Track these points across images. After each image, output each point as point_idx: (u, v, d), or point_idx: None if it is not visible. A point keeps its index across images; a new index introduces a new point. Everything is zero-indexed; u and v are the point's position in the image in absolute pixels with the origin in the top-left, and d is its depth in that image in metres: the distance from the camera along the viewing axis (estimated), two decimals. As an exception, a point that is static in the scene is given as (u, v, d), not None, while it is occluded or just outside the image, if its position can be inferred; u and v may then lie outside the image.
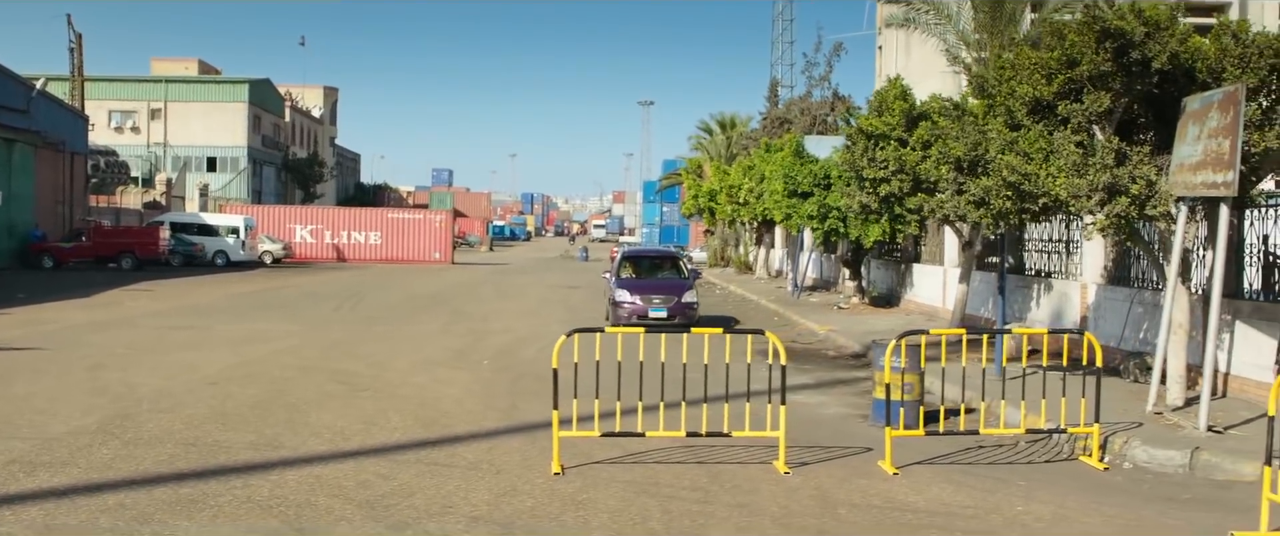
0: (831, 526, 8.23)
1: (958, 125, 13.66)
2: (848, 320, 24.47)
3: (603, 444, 10.60)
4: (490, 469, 9.99)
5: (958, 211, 13.37)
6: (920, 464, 10.37)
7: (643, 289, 22.50)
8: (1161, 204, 11.38)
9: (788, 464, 10.16)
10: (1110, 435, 10.90)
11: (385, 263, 58.86)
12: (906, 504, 8.96)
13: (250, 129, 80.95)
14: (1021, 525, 8.40)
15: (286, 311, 26.74)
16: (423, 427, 11.96)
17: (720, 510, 8.66)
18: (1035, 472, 10.28)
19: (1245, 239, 12.91)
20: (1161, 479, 10.12)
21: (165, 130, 79.84)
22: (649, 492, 9.15)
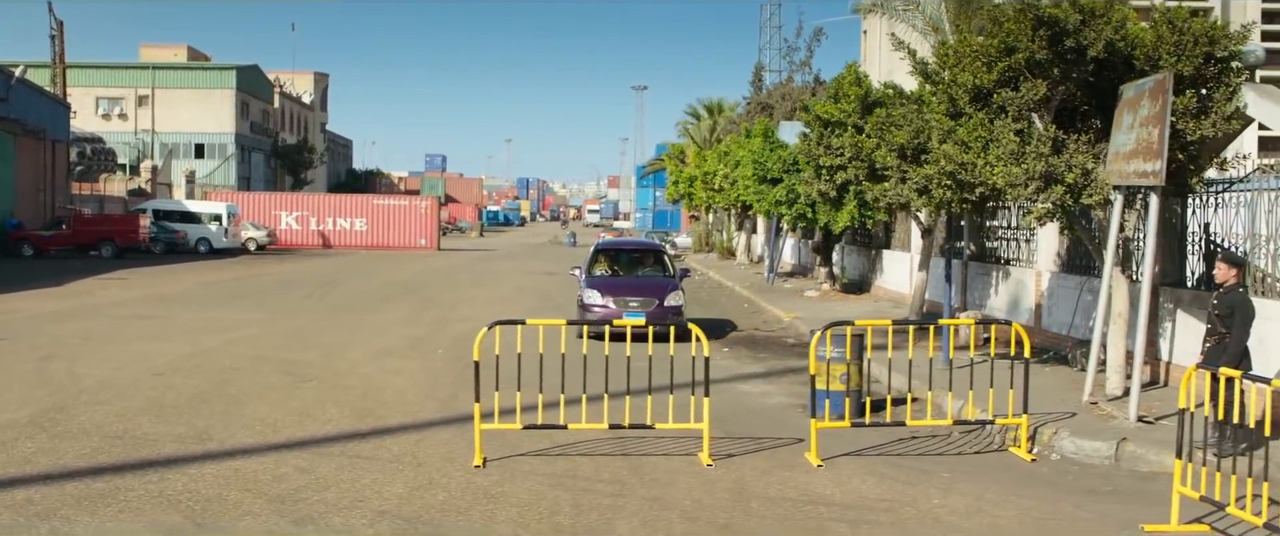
0: (739, 520, 8.18)
1: (900, 113, 13.57)
2: (815, 307, 24.40)
3: (531, 436, 10.52)
4: (412, 462, 9.94)
5: (900, 199, 13.29)
6: (848, 456, 10.31)
7: (617, 289, 19.04)
8: (1097, 192, 11.30)
9: (713, 456, 10.11)
10: (1041, 426, 10.85)
11: (371, 249, 58.76)
12: (823, 496, 8.90)
13: (238, 115, 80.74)
14: (934, 518, 8.34)
15: (256, 300, 26.67)
16: (356, 419, 11.90)
17: (632, 503, 8.61)
18: (962, 464, 10.23)
19: (1188, 227, 12.83)
20: (1087, 470, 10.06)
21: (153, 117, 79.61)
22: (565, 485, 9.10)
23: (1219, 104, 11.16)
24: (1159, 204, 10.55)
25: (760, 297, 27.50)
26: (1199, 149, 11.66)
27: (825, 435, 10.81)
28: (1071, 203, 11.44)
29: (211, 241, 48.88)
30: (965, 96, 12.45)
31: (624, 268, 20.85)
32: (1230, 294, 9.62)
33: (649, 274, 20.51)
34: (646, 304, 18.34)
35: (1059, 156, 11.44)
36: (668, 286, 19.16)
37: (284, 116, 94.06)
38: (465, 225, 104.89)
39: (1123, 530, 8.08)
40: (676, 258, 52.82)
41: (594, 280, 19.50)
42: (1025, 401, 10.50)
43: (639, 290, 18.87)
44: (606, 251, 21.40)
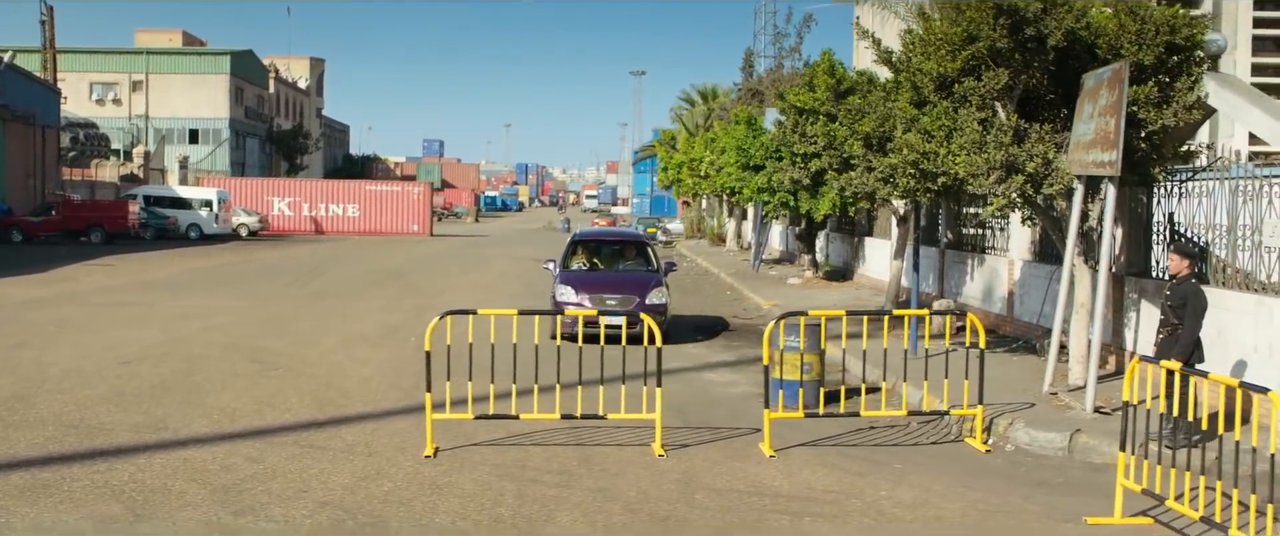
0: (681, 512, 8.16)
1: (865, 101, 13.51)
2: (795, 295, 24.37)
3: (486, 426, 10.51)
4: (365, 451, 9.92)
5: (865, 188, 13.25)
6: (803, 446, 10.29)
7: (593, 285, 17.24)
8: (1058, 182, 11.25)
9: (667, 446, 10.09)
10: (997, 416, 10.83)
11: (363, 235, 58.70)
12: (770, 488, 8.88)
13: (232, 101, 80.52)
14: (878, 510, 8.32)
15: (238, 286, 26.63)
16: (316, 408, 11.88)
17: (577, 494, 8.59)
18: (917, 455, 10.21)
19: (1153, 217, 12.78)
20: (1040, 462, 10.04)
21: (147, 102, 79.40)
22: (512, 476, 9.08)
23: (1180, 93, 11.10)
24: (1115, 194, 10.50)
25: (743, 285, 27.46)
26: (1162, 138, 11.60)
27: (784, 425, 10.81)
28: (1032, 192, 11.39)
29: (202, 227, 48.81)
30: (930, 85, 12.38)
31: (604, 261, 19.25)
32: (1183, 285, 9.58)
33: (631, 268, 18.78)
34: (626, 302, 16.60)
35: (1021, 146, 11.38)
36: (650, 282, 17.40)
37: (279, 102, 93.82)
38: (461, 210, 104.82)
39: (1067, 523, 8.06)
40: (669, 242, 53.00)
41: (569, 275, 17.75)
42: (980, 392, 10.47)
43: (618, 287, 17.17)
44: (584, 243, 19.50)
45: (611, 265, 18.94)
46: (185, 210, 49.13)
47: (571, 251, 18.84)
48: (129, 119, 78.36)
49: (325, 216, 60.22)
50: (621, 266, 18.85)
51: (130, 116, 78.76)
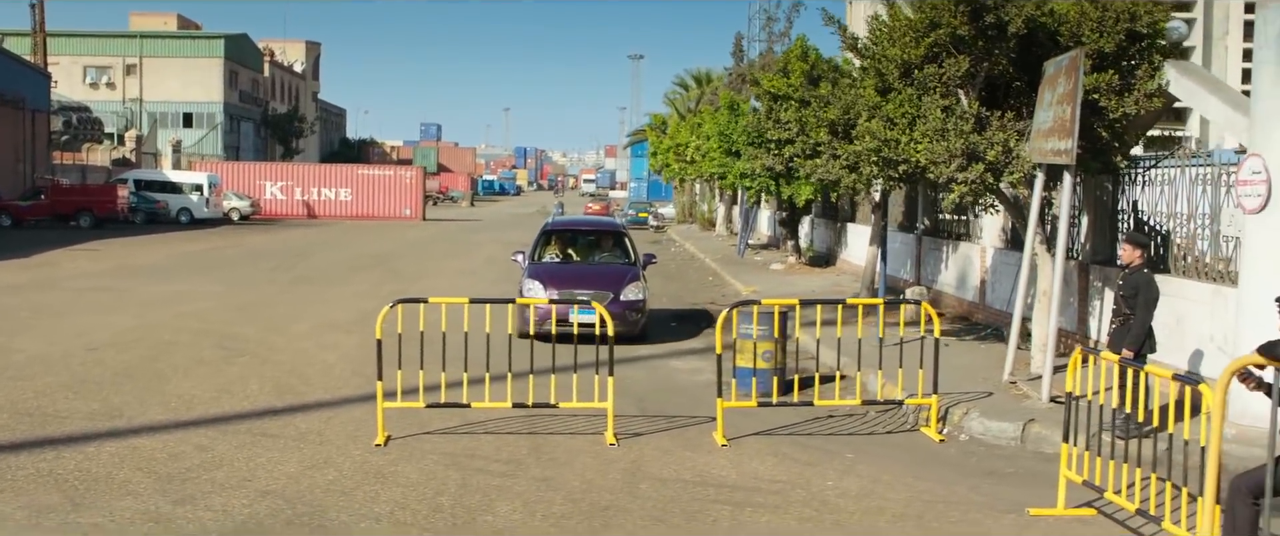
0: (622, 502, 8.13)
1: (832, 89, 13.45)
2: (776, 281, 24.32)
3: (441, 415, 10.48)
4: (316, 439, 9.90)
5: (830, 176, 13.20)
6: (758, 435, 10.26)
7: (564, 280, 15.86)
8: (1018, 170, 11.19)
9: (621, 435, 10.07)
10: (953, 405, 10.80)
11: (356, 219, 58.63)
12: (716, 478, 8.86)
13: (226, 85, 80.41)
14: (822, 500, 8.29)
15: (221, 271, 26.59)
16: (275, 395, 11.86)
17: (521, 484, 8.57)
18: (871, 444, 10.18)
19: (1119, 205, 12.73)
20: (992, 451, 10.02)
21: (141, 86, 79.27)
22: (460, 465, 9.06)
23: (1141, 81, 11.04)
24: (1072, 182, 10.44)
25: (726, 270, 27.42)
26: (1125, 126, 11.55)
27: (740, 415, 10.77)
28: (992, 181, 11.33)
29: (192, 211, 48.75)
30: (895, 72, 12.32)
31: (578, 253, 17.86)
32: (1135, 275, 9.53)
33: (606, 260, 17.45)
34: (599, 298, 14.94)
35: (981, 134, 11.32)
36: (625, 276, 16.01)
37: (274, 86, 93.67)
38: (457, 194, 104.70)
39: (1010, 514, 8.03)
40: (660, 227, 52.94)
41: (538, 269, 16.43)
42: (934, 381, 10.44)
43: (591, 281, 15.82)
44: (556, 233, 18.08)
45: (586, 257, 17.75)
46: (176, 194, 49.07)
47: (542, 242, 17.55)
48: (123, 103, 78.26)
49: (318, 201, 60.15)
50: (597, 258, 17.67)
51: (124, 100, 78.67)
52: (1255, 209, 9.13)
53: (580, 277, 15.93)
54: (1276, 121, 9.03)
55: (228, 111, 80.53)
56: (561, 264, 17.04)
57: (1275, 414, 5.77)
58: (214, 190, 50.34)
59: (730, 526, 7.63)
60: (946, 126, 11.34)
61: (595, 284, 15.55)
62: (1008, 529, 7.71)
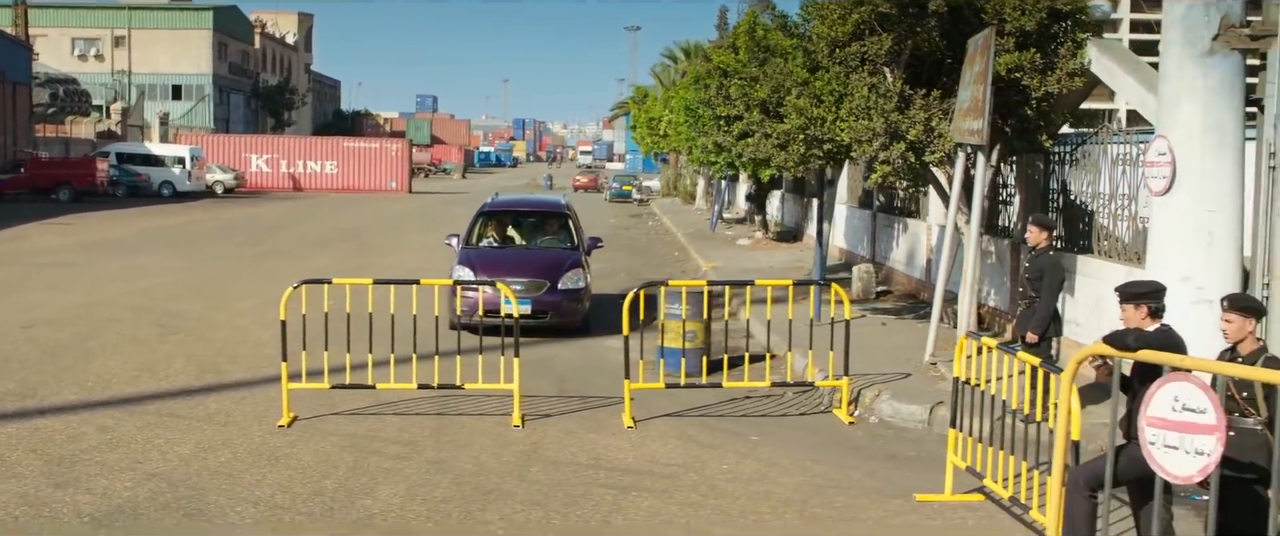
0: (508, 485, 8.10)
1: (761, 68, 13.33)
2: (739, 257, 24.25)
3: (353, 396, 10.43)
4: (222, 420, 9.88)
5: (761, 154, 13.09)
6: (669, 417, 10.22)
7: (498, 266, 14.54)
8: (939, 149, 11.09)
9: (532, 416, 10.04)
10: (867, 387, 10.74)
11: (341, 192, 58.49)
12: (611, 461, 8.82)
13: (216, 57, 79.98)
14: (711, 484, 8.26)
15: (187, 246, 26.52)
16: (196, 374, 11.83)
17: (412, 466, 8.54)
18: (781, 427, 10.14)
19: (1050, 186, 12.62)
20: (901, 434, 9.97)
21: (129, 58, 78.88)
22: (357, 447, 9.03)
23: (1063, 60, 10.92)
24: (984, 163, 10.35)
25: (693, 246, 27.34)
26: (1051, 106, 11.44)
27: (658, 396, 10.72)
28: (914, 160, 11.23)
29: (175, 185, 48.61)
30: (824, 49, 12.19)
31: (518, 235, 16.50)
32: (1040, 257, 9.46)
33: (548, 245, 16.09)
34: (535, 287, 14.20)
35: (904, 113, 11.21)
36: (565, 262, 14.81)
37: (265, 57, 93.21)
38: (450, 167, 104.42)
39: (897, 499, 7.98)
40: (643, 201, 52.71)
41: (472, 254, 15.15)
42: (846, 364, 10.37)
43: (527, 268, 14.64)
44: (496, 216, 16.43)
45: (529, 240, 16.43)
46: (158, 167, 48.92)
47: (478, 224, 16.08)
48: (111, 75, 77.85)
49: (303, 173, 60.01)
50: (539, 242, 16.31)
51: (113, 72, 78.26)
52: (1160, 191, 9.05)
53: (516, 264, 14.87)
54: (1182, 103, 8.93)
55: (217, 83, 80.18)
56: (497, 248, 15.90)
57: (1115, 406, 5.71)
58: (196, 163, 50.18)
59: (609, 511, 7.60)
60: (870, 105, 11.23)
61: (532, 271, 14.52)
62: (890, 514, 7.68)
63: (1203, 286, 8.98)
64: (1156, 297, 5.89)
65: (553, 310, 14.11)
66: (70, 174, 43.51)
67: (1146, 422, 5.32)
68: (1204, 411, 5.09)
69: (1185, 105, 8.93)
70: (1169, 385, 5.25)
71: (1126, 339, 5.58)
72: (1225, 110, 8.86)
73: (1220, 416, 5.03)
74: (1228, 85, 8.85)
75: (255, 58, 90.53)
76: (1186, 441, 5.16)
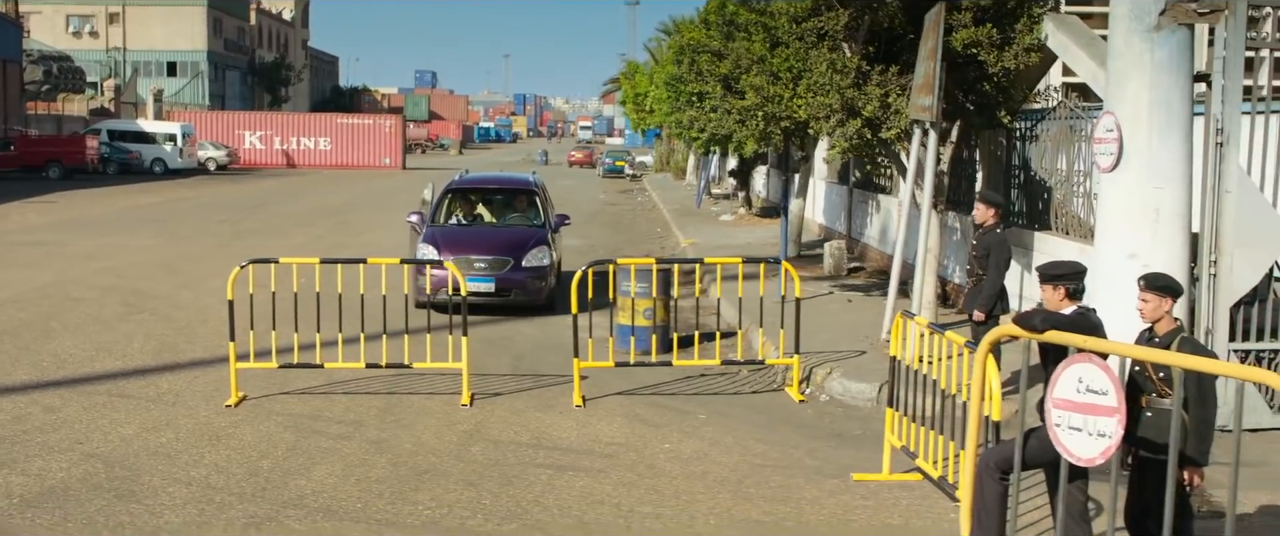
0: (445, 465, 8.09)
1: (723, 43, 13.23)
2: (720, 232, 24.18)
3: (305, 375, 10.43)
4: (171, 400, 9.87)
5: (723, 130, 13.02)
6: (620, 395, 10.19)
7: (461, 244, 14.46)
8: (895, 125, 11.01)
9: (483, 395, 10.03)
10: (819, 365, 10.71)
11: (335, 168, 58.41)
12: (554, 440, 8.80)
13: (211, 33, 79.73)
14: (649, 464, 8.24)
15: (168, 224, 26.47)
16: (154, 354, 11.81)
17: (352, 446, 8.53)
18: (731, 405, 10.12)
19: (1013, 162, 12.55)
20: (849, 412, 9.94)
21: (124, 35, 78.64)
22: (301, 427, 9.02)
23: (1020, 35, 10.82)
24: (935, 140, 10.27)
25: (677, 221, 27.28)
26: (1011, 81, 11.35)
27: (613, 374, 10.69)
28: (870, 136, 11.16)
29: (166, 162, 48.49)
30: (785, 24, 12.09)
31: (485, 212, 16.24)
32: (988, 234, 9.38)
33: (514, 222, 15.81)
34: (498, 264, 14.09)
35: (862, 89, 11.12)
36: (530, 240, 14.60)
37: (262, 34, 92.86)
38: (447, 142, 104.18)
39: (834, 478, 7.96)
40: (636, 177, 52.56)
41: (435, 232, 15.01)
42: (796, 342, 10.34)
43: (490, 246, 14.44)
44: (462, 192, 16.30)
45: (496, 217, 16.18)
46: (149, 145, 48.79)
47: (444, 201, 15.96)
48: (106, 52, 77.66)
49: (297, 150, 59.91)
50: (507, 219, 16.03)
51: (108, 49, 78.06)
52: (1108, 167, 8.97)
53: (480, 242, 14.68)
54: (1129, 79, 8.83)
55: (212, 60, 79.93)
56: (461, 226, 15.64)
57: (1024, 389, 5.67)
58: (188, 140, 50.06)
59: (542, 490, 7.58)
60: (827, 82, 11.14)
61: (495, 249, 14.36)
62: (825, 493, 7.64)
63: (1149, 264, 8.88)
64: (1073, 279, 5.83)
65: (517, 288, 14.08)
66: (59, 151, 43.41)
67: (1052, 404, 5.28)
68: (1105, 393, 5.05)
69: (1132, 81, 8.84)
70: (1073, 366, 5.21)
71: (1033, 319, 5.52)
72: (1173, 86, 8.75)
73: (1121, 398, 4.99)
74: (1175, 61, 8.74)
75: (251, 34, 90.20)
76: (1090, 423, 5.12)
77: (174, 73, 78.52)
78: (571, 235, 24.63)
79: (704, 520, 7.11)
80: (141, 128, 50.23)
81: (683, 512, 7.22)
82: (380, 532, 6.78)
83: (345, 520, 6.98)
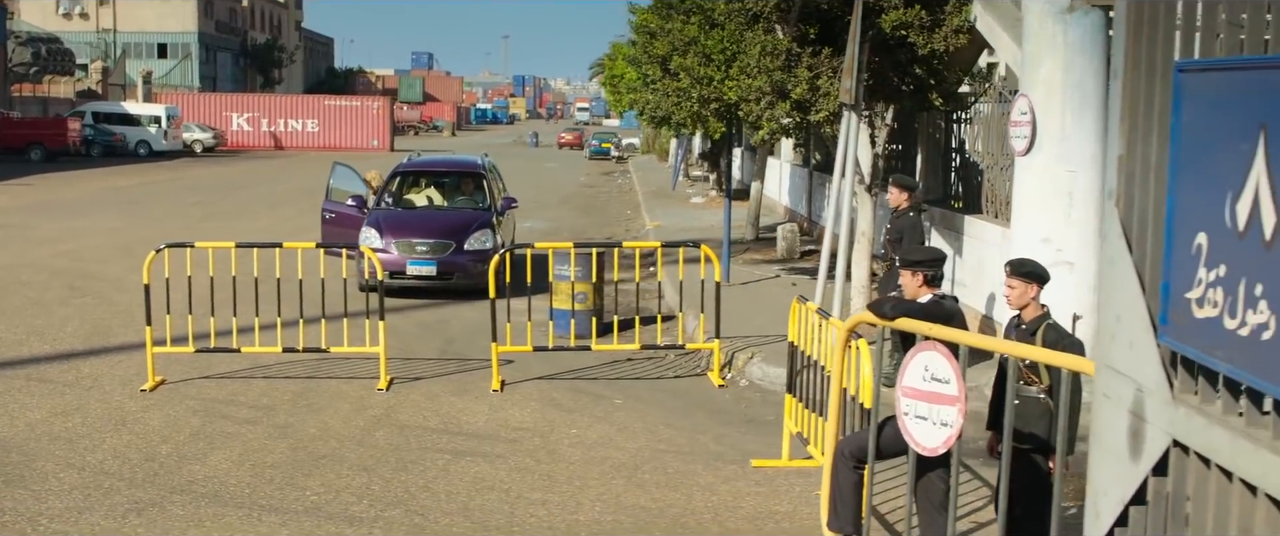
0: (344, 450, 8.07)
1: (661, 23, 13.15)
2: (687, 215, 24.12)
3: (234, 359, 10.39)
4: (88, 385, 9.84)
5: (661, 112, 12.95)
6: (541, 380, 10.16)
7: (404, 227, 14.55)
8: (825, 108, 10.92)
9: (398, 379, 10.00)
10: (742, 350, 10.66)
11: (322, 150, 58.25)
12: (461, 425, 8.78)
13: (201, 14, 79.48)
14: (550, 450, 8.21)
15: (139, 207, 26.43)
16: (85, 338, 11.79)
17: (256, 431, 8.50)
18: (650, 390, 10.09)
19: (951, 144, 12.48)
20: (767, 397, 9.89)
21: (114, 16, 78.41)
22: (211, 411, 8.99)
23: (949, 17, 10.73)
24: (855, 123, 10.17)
25: (648, 203, 27.22)
26: (944, 64, 11.25)
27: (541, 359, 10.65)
28: (799, 118, 11.08)
29: (151, 144, 48.43)
30: (721, 5, 12.00)
31: (431, 195, 16.29)
32: (901, 218, 9.33)
33: (460, 205, 15.76)
34: (440, 248, 14.11)
35: (792, 71, 11.03)
36: (474, 223, 14.57)
37: (254, 15, 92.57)
38: (441, 124, 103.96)
39: (733, 464, 7.92)
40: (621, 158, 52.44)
41: (379, 215, 14.93)
42: (717, 326, 10.30)
43: (433, 229, 14.47)
44: (409, 175, 16.34)
45: (445, 200, 16.20)
46: (134, 127, 48.71)
47: (391, 184, 15.99)
48: (96, 33, 77.42)
49: (284, 132, 59.81)
50: (454, 202, 16.01)
51: (98, 30, 77.83)
52: (1021, 150, 8.91)
53: (423, 225, 14.71)
54: (1043, 61, 8.77)
55: (203, 41, 79.71)
56: (406, 210, 15.62)
57: (878, 377, 5.63)
58: (173, 122, 49.96)
59: (434, 476, 7.55)
60: (758, 64, 11.06)
61: (437, 232, 14.40)
62: (720, 479, 7.61)
63: (1063, 248, 8.89)
64: (931, 266, 5.79)
65: (459, 271, 14.06)
66: (41, 134, 43.33)
67: (901, 393, 5.23)
68: (948, 381, 5.01)
69: (1046, 63, 8.78)
70: (920, 354, 5.16)
71: (884, 307, 5.47)
72: (1086, 69, 8.70)
73: (962, 388, 4.94)
74: (1088, 43, 8.68)
75: (243, 15, 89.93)
76: (934, 412, 5.08)
77: (164, 54, 78.31)
78: (539, 218, 24.66)
79: (590, 506, 7.08)
80: (126, 110, 50.14)
81: (570, 499, 7.19)
82: (259, 518, 6.75)
83: (228, 505, 6.96)
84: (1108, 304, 4.01)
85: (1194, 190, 3.36)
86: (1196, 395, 3.37)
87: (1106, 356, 3.99)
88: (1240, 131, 3.08)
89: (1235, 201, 3.11)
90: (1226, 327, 3.13)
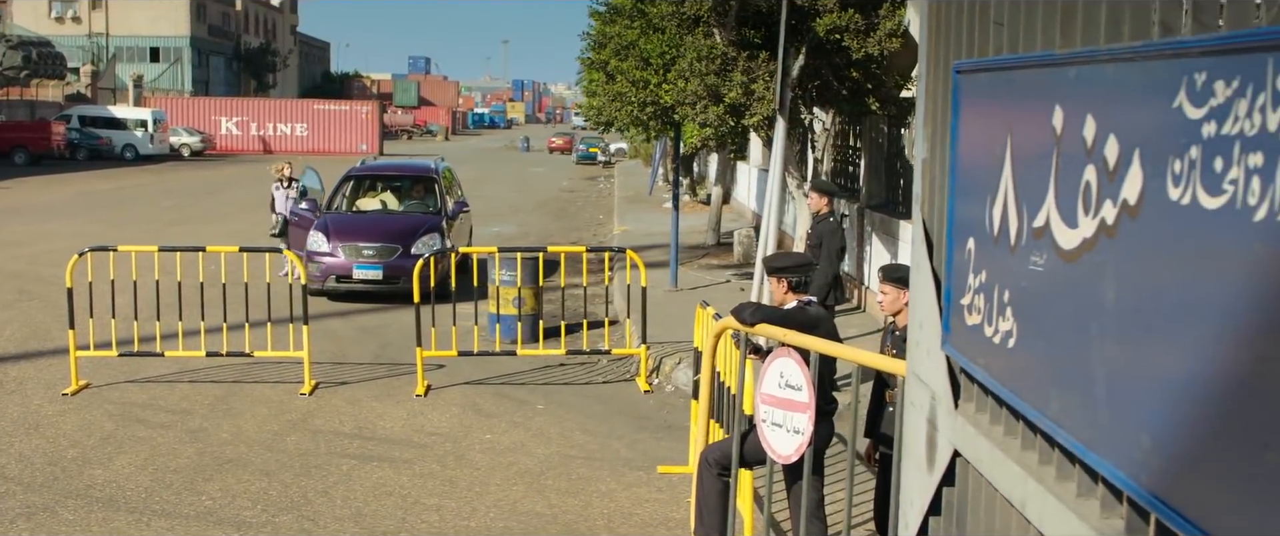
0: (252, 454, 8.03)
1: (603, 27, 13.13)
2: (659, 219, 24.01)
3: (159, 363, 10.39)
4: (13, 388, 9.83)
5: (604, 117, 12.94)
6: (467, 385, 10.14)
7: (351, 231, 14.43)
8: (758, 112, 10.90)
9: (323, 384, 9.97)
10: (669, 355, 10.62)
11: (311, 154, 58.12)
12: (375, 431, 8.74)
13: (194, 18, 79.51)
14: (459, 455, 8.18)
15: (113, 210, 26.41)
16: (21, 341, 11.77)
17: (169, 435, 8.48)
18: (576, 395, 10.04)
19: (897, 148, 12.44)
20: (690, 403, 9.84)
21: (107, 20, 78.44)
22: (128, 415, 8.97)
23: (883, 21, 10.70)
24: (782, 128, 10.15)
25: (622, 208, 27.18)
26: (882, 68, 11.24)
27: (473, 363, 10.64)
28: (733, 123, 11.06)
29: (137, 148, 48.41)
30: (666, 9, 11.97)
31: (382, 199, 16.10)
32: (821, 223, 9.30)
33: (411, 209, 15.65)
34: (387, 252, 14.03)
35: (727, 76, 11.01)
36: (421, 227, 14.52)
37: (248, 19, 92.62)
38: (435, 128, 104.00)
39: (639, 471, 7.89)
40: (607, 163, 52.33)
41: (328, 220, 14.75)
42: (644, 332, 10.26)
43: (380, 233, 14.42)
44: (358, 179, 16.19)
45: (399, 203, 16.03)
46: (120, 130, 48.69)
47: (342, 189, 15.83)
48: (88, 37, 77.50)
49: (273, 136, 59.78)
50: (404, 205, 15.88)
51: (90, 34, 77.89)
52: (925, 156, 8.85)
53: (370, 229, 14.63)
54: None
55: (196, 45, 79.74)
56: (355, 214, 15.50)
57: (743, 382, 5.60)
58: (160, 126, 49.94)
59: (335, 482, 7.52)
60: (691, 68, 11.04)
61: (385, 236, 14.32)
62: (622, 486, 7.58)
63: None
64: (795, 272, 5.76)
65: (405, 275, 13.84)
66: (25, 137, 43.30)
67: (760, 399, 5.20)
68: (800, 388, 4.98)
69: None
70: (776, 361, 5.13)
71: (744, 313, 5.44)
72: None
73: (813, 395, 4.91)
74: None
75: (237, 19, 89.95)
76: (788, 419, 5.05)
77: (156, 58, 78.30)
78: (510, 222, 24.65)
79: (485, 513, 7.04)
80: (112, 113, 50.13)
81: (467, 505, 7.16)
82: (148, 523, 6.73)
83: (120, 510, 6.93)
84: (913, 310, 3.99)
85: (967, 194, 3.33)
86: (972, 404, 3.34)
87: (913, 363, 3.97)
88: (997, 133, 3.05)
89: (992, 206, 3.08)
90: (985, 335, 3.10)
